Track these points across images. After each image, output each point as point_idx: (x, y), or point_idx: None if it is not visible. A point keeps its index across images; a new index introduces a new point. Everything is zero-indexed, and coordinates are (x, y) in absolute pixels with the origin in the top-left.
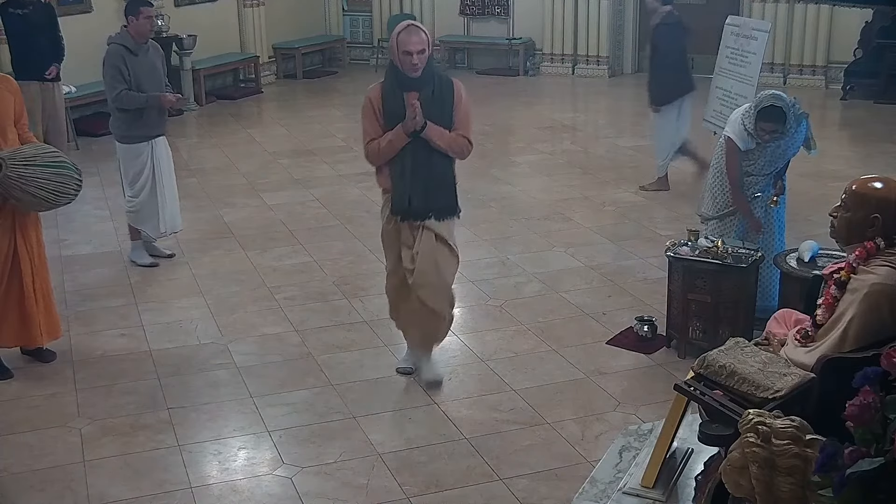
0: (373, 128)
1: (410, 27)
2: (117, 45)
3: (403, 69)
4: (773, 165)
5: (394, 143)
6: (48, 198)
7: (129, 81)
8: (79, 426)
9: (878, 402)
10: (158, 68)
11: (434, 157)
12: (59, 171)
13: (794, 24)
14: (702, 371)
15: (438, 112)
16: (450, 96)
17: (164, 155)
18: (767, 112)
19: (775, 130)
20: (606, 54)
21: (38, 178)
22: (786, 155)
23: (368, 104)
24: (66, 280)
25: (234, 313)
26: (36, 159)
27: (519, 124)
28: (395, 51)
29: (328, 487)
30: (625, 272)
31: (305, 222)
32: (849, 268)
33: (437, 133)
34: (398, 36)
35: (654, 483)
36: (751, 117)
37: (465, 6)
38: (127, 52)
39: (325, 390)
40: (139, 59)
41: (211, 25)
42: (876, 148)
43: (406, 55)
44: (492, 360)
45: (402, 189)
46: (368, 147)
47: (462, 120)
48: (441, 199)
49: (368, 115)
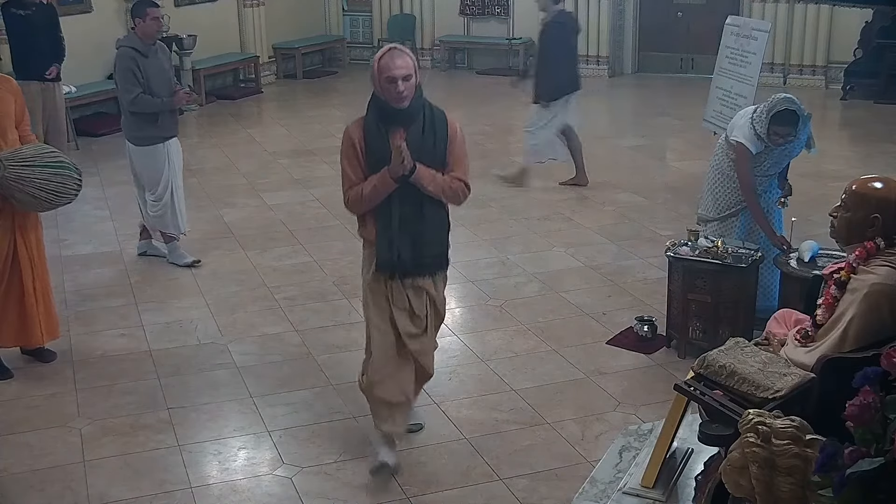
0: (354, 171)
1: (394, 50)
2: (127, 48)
3: (388, 100)
4: (777, 167)
5: (379, 189)
6: (48, 198)
7: (143, 84)
8: (79, 426)
9: (878, 402)
10: (167, 69)
11: (425, 205)
12: (58, 172)
13: (794, 24)
14: (702, 371)
15: (430, 151)
16: (443, 131)
17: (177, 157)
18: (782, 116)
19: (789, 134)
20: (606, 54)
21: (38, 178)
22: (790, 155)
23: (348, 143)
24: (66, 280)
25: (234, 313)
26: (35, 160)
27: (519, 124)
28: (376, 78)
29: (328, 487)
30: (625, 272)
31: (305, 222)
32: (849, 268)
33: (429, 177)
34: (380, 61)
35: (654, 483)
36: (763, 122)
37: (465, 6)
38: (137, 55)
39: (325, 390)
40: (149, 61)
41: (211, 25)
42: (876, 148)
43: (390, 82)
44: (492, 360)
45: (389, 242)
46: (350, 193)
47: (457, 159)
48: (433, 254)
49: (349, 155)
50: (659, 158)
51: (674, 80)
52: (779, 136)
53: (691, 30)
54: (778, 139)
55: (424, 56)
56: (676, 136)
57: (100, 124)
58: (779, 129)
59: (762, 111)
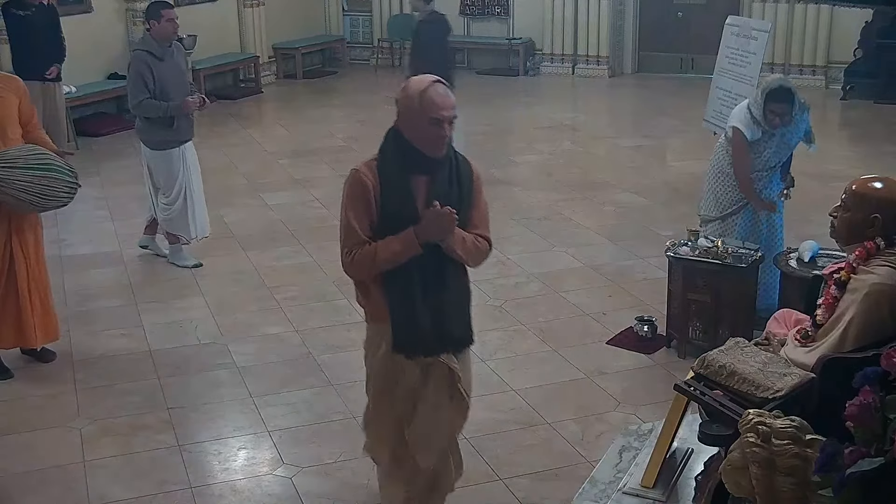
0: (362, 224)
1: (438, 85)
2: (141, 52)
3: (424, 143)
4: (778, 156)
5: (400, 255)
6: (33, 201)
7: (153, 90)
8: (79, 426)
9: (878, 402)
10: (183, 70)
11: (448, 270)
12: (45, 174)
13: (794, 24)
14: (702, 371)
15: (455, 205)
16: (468, 182)
17: (192, 160)
18: (776, 93)
19: (785, 113)
20: (606, 54)
21: (20, 180)
22: (790, 144)
23: (359, 189)
24: (66, 280)
25: (234, 313)
26: (18, 161)
27: (519, 124)
28: (417, 115)
29: (328, 487)
30: (625, 272)
31: (305, 222)
32: (849, 268)
33: (460, 240)
34: (424, 95)
35: (654, 483)
36: (758, 104)
37: (465, 6)
38: (152, 58)
39: (325, 390)
40: (165, 64)
41: (211, 25)
42: (876, 148)
43: (436, 125)
44: (492, 360)
45: (408, 317)
46: (356, 253)
47: (481, 214)
48: (458, 327)
49: (358, 205)
50: (659, 158)
51: (674, 80)
52: (775, 115)
53: (691, 30)
54: (775, 118)
55: None
56: (676, 136)
57: (100, 124)
58: (774, 106)
59: (757, 94)
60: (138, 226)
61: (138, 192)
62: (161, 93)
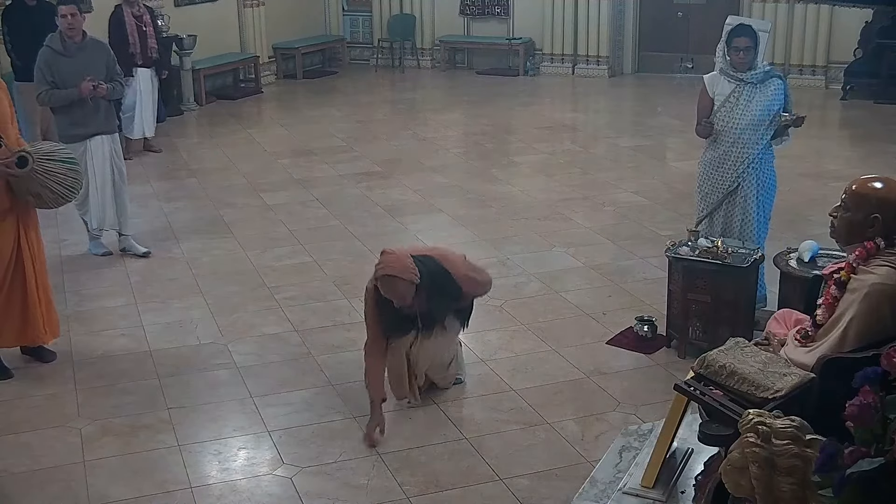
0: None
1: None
2: (44, 48)
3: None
4: (748, 115)
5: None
6: (63, 193)
7: (52, 83)
8: (79, 426)
9: (878, 402)
10: (98, 69)
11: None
12: (72, 167)
13: (794, 24)
14: (702, 371)
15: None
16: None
17: (99, 156)
18: (736, 30)
19: (748, 47)
20: (606, 54)
21: (58, 172)
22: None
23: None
24: (66, 280)
25: (234, 313)
26: (54, 154)
27: (519, 124)
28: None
29: (328, 487)
30: (625, 272)
31: (305, 222)
32: (849, 268)
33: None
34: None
35: (654, 483)
36: (722, 50)
37: (465, 6)
38: (52, 54)
39: (325, 390)
40: (71, 60)
41: (211, 25)
42: (876, 148)
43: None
44: (492, 360)
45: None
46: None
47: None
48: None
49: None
50: (659, 158)
51: (674, 81)
52: (739, 50)
53: (691, 30)
54: (739, 53)
55: (424, 56)
56: (676, 136)
57: None
58: (738, 40)
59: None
60: (135, 226)
61: (138, 191)
62: (63, 88)
